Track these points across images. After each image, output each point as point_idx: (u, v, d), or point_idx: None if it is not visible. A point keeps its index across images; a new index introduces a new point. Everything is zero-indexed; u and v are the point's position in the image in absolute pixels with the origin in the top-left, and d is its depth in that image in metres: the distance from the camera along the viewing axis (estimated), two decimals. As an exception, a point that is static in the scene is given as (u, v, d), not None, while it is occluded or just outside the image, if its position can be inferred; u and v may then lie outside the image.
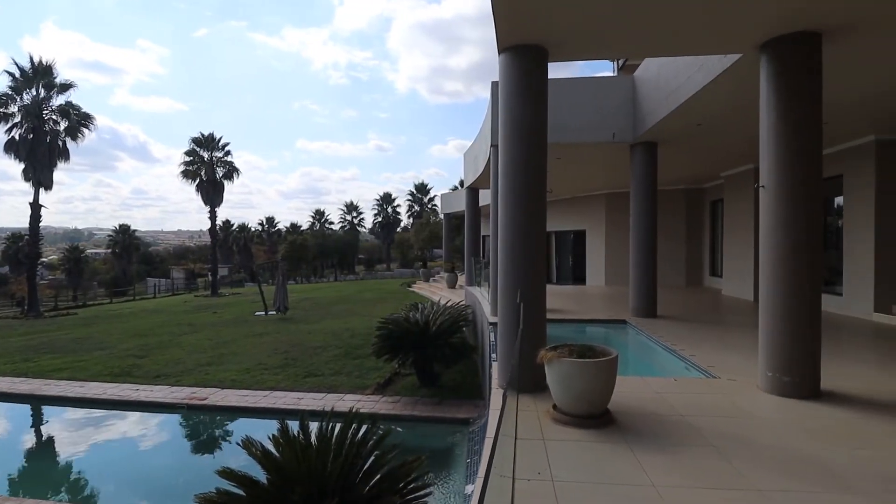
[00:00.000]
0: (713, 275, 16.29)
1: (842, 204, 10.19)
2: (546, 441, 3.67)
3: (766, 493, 2.90)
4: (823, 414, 4.25)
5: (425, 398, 10.03)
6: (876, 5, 4.24)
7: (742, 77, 5.86)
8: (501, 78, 5.28)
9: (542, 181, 5.09)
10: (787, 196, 4.76)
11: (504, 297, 5.11)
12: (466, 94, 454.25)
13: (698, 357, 6.29)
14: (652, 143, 9.79)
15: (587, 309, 11.30)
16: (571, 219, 19.44)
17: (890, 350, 7.07)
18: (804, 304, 4.70)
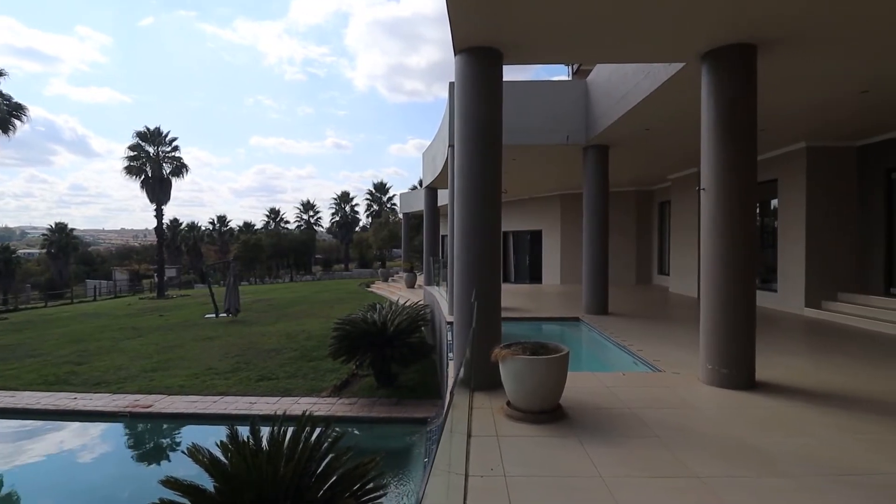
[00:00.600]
0: (661, 273, 17.01)
1: (777, 206, 10.87)
2: (500, 437, 3.73)
3: (706, 480, 3.06)
4: (758, 403, 4.53)
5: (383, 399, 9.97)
6: (801, 22, 4.55)
7: (685, 85, 6.14)
8: (457, 79, 5.31)
9: (497, 182, 5.16)
10: (724, 198, 5.04)
11: (460, 296, 5.15)
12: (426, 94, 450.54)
13: (645, 352, 6.56)
14: (604, 146, 10.11)
15: (543, 307, 11.55)
16: (528, 219, 19.81)
17: (818, 342, 7.61)
18: (740, 300, 4.99)
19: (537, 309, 11.19)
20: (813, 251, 9.88)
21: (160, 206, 34.79)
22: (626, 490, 2.95)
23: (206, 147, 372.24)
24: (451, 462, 3.06)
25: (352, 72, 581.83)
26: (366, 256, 54.90)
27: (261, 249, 51.83)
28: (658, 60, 5.75)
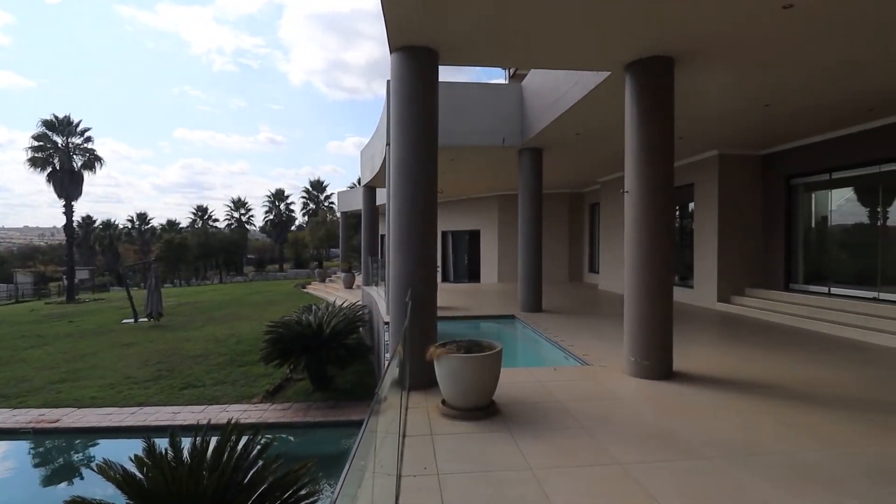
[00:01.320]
0: (592, 271, 17.83)
1: (694, 209, 11.72)
2: (434, 436, 3.74)
3: (626, 466, 3.24)
4: (676, 392, 4.86)
5: (319, 402, 9.73)
6: (710, 40, 4.93)
7: (612, 93, 6.47)
8: (393, 77, 5.27)
9: (433, 181, 5.17)
10: (645, 200, 5.36)
11: (396, 295, 5.12)
12: (366, 91, 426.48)
13: (576, 347, 6.84)
14: (538, 149, 10.44)
15: (480, 305, 11.74)
16: (467, 219, 20.07)
17: (729, 334, 8.28)
18: (659, 296, 5.33)
19: (475, 307, 11.35)
20: (724, 250, 10.75)
21: (70, 202, 31.85)
22: (554, 480, 3.06)
23: (125, 139, 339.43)
24: (383, 463, 3.02)
25: (287, 65, 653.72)
26: (302, 256, 53.14)
27: (186, 249, 48.76)
28: (586, 68, 6.01)
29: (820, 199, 9.94)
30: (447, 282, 21.01)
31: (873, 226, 8.71)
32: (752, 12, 4.40)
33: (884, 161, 8.28)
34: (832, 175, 9.41)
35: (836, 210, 9.60)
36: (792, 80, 6.23)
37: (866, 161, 8.60)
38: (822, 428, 3.90)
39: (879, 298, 8.26)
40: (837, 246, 9.56)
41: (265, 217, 61.69)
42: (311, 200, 62.67)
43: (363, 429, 1.56)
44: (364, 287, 16.26)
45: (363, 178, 18.34)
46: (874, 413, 4.24)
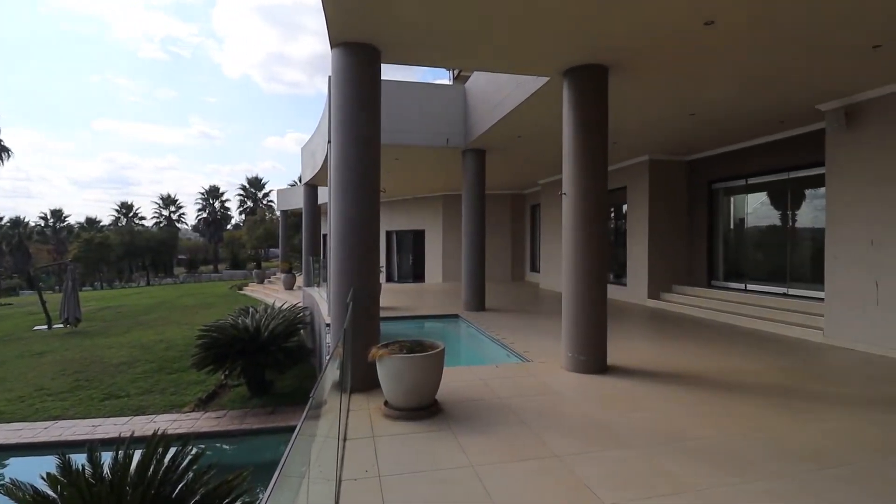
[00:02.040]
0: (533, 270, 18.32)
1: (627, 211, 12.33)
2: (376, 438, 3.70)
3: (563, 457, 3.36)
4: (609, 385, 5.09)
5: (257, 408, 9.34)
6: (640, 50, 5.20)
7: (551, 97, 6.67)
8: (334, 73, 5.16)
9: (374, 180, 5.11)
10: (581, 202, 5.58)
11: (337, 296, 5.02)
12: (307, 86, 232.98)
13: (517, 344, 7.01)
14: (481, 150, 10.59)
15: (424, 305, 11.75)
16: (412, 219, 20.02)
17: (658, 329, 8.78)
18: (594, 294, 5.57)
19: (419, 307, 11.35)
20: (654, 250, 11.40)
21: (-30, 197, 28.65)
22: (494, 475, 3.11)
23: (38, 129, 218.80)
24: (323, 468, 2.95)
25: (224, 56, 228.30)
26: (238, 257, 50.75)
27: (109, 249, 45.24)
28: (526, 73, 6.17)
29: (738, 202, 10.78)
30: (392, 282, 20.86)
31: (784, 227, 9.55)
32: (676, 28, 4.69)
33: (792, 168, 9.10)
34: (748, 181, 10.23)
35: (752, 213, 10.44)
36: (714, 91, 6.70)
37: (777, 168, 9.41)
38: (739, 414, 4.22)
39: (788, 294, 9.07)
40: (753, 246, 10.40)
41: (198, 215, 58.50)
42: (249, 198, 60.14)
43: (295, 434, 1.51)
44: (305, 288, 15.81)
45: (304, 175, 17.83)
46: (784, 398, 4.64)
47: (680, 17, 4.47)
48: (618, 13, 4.40)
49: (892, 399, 4.63)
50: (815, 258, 8.57)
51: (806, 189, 9.02)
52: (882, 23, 4.57)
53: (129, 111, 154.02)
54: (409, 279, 20.71)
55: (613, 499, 2.85)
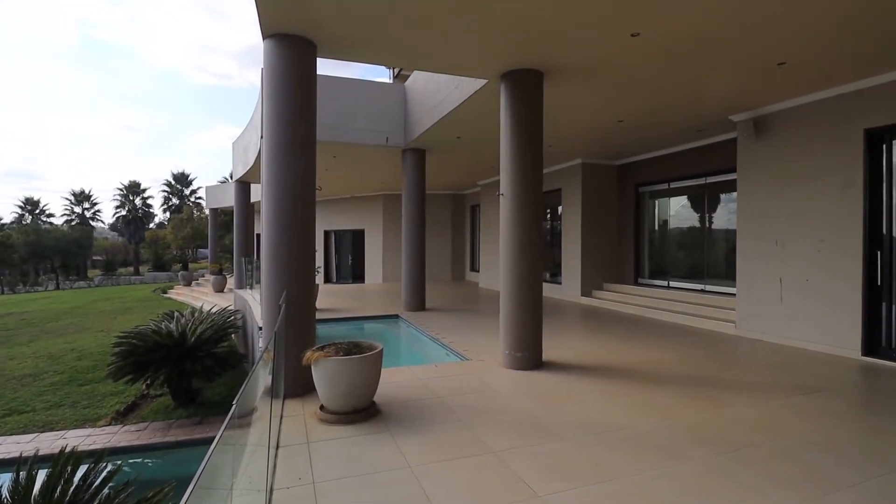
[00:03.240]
0: (473, 270, 18.57)
1: (562, 212, 12.79)
2: (311, 444, 3.58)
3: (499, 453, 3.41)
4: (544, 380, 5.24)
5: (183, 419, 8.79)
6: (571, 58, 5.41)
7: (489, 100, 6.78)
8: (266, 65, 4.95)
9: (309, 177, 4.95)
10: (517, 203, 5.72)
11: (269, 298, 4.81)
12: (240, 78, 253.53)
13: (456, 343, 7.06)
14: (421, 150, 10.58)
15: (364, 306, 11.57)
16: (351, 218, 19.67)
17: (589, 325, 9.16)
18: (530, 291, 5.72)
19: (359, 308, 11.16)
20: (587, 250, 11.91)
21: None
22: (432, 475, 3.11)
23: None
24: (253, 478, 2.81)
25: (147, 42, 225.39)
26: (163, 258, 47.41)
27: (10, 249, 40.81)
28: (464, 75, 6.22)
29: (662, 205, 11.49)
30: (330, 283, 20.38)
31: (701, 229, 10.29)
32: (604, 38, 4.91)
33: (709, 174, 9.82)
34: (671, 185, 10.93)
35: (674, 215, 11.17)
36: (640, 100, 7.09)
37: (696, 174, 10.13)
38: (661, 403, 4.49)
39: (706, 290, 9.79)
40: (675, 246, 11.13)
41: (116, 213, 54.15)
42: (175, 195, 56.53)
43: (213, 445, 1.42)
44: (237, 290, 15.08)
45: (235, 172, 16.99)
46: (701, 387, 4.99)
47: (608, 28, 4.68)
48: (550, 21, 4.54)
49: (793, 384, 5.11)
50: (728, 257, 9.30)
51: (721, 193, 9.77)
52: (786, 43, 5.04)
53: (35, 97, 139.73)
54: (348, 280, 20.32)
55: (547, 490, 2.93)
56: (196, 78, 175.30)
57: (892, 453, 3.45)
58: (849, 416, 4.21)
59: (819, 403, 4.49)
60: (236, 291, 15.10)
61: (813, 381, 5.22)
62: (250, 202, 17.03)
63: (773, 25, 4.63)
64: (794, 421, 4.07)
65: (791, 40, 4.98)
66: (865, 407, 4.58)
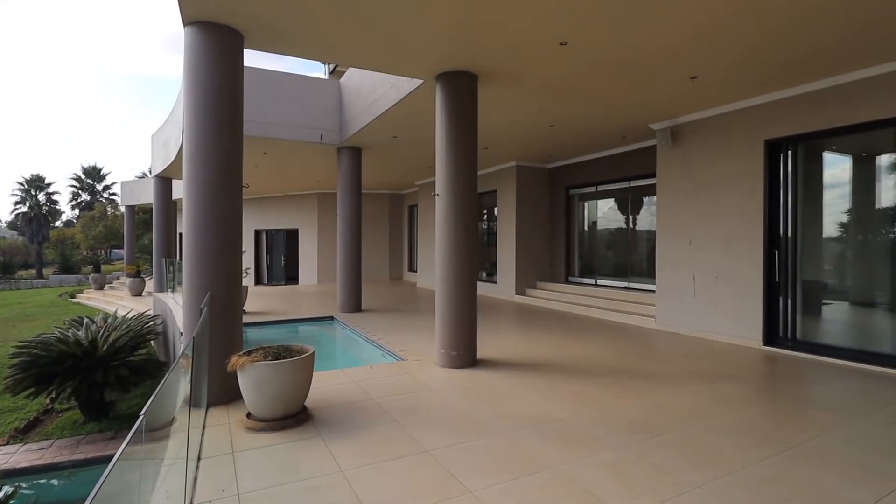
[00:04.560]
0: (411, 270, 18.54)
1: (497, 213, 13.08)
2: (236, 454, 3.41)
3: (432, 452, 3.43)
4: (479, 377, 5.33)
5: (94, 434, 8.07)
6: (503, 62, 5.54)
7: (426, 100, 6.79)
8: (187, 55, 4.65)
9: (235, 174, 4.71)
10: (452, 203, 5.77)
11: (191, 302, 4.53)
12: (160, 67, 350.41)
13: (392, 344, 7.01)
14: (357, 149, 10.41)
15: (298, 308, 11.20)
16: (284, 217, 18.98)
17: (523, 322, 9.43)
18: (465, 290, 5.79)
19: (292, 310, 10.79)
20: (521, 249, 12.25)
21: None
22: (364, 477, 3.06)
23: None
24: (171, 493, 2.63)
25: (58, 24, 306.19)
26: (71, 259, 43.24)
27: None
28: (399, 74, 6.19)
29: (590, 207, 12.06)
30: (262, 284, 19.55)
31: (626, 230, 10.91)
32: (534, 44, 5.07)
33: (633, 178, 10.43)
34: (598, 188, 11.50)
35: (602, 217, 11.76)
36: (569, 105, 7.39)
37: (621, 178, 10.72)
38: (588, 395, 4.71)
39: (629, 287, 10.38)
40: (602, 246, 11.72)
41: (15, 209, 48.68)
42: (85, 190, 51.77)
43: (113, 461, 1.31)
44: (157, 294, 14.08)
45: (155, 167, 15.84)
46: (624, 379, 5.29)
47: (538, 35, 4.84)
48: (481, 26, 4.63)
49: (704, 374, 5.54)
50: (650, 256, 9.93)
51: (644, 196, 10.41)
52: (697, 58, 5.45)
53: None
54: (281, 281, 19.60)
55: (479, 485, 2.97)
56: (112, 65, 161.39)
57: (787, 433, 3.84)
58: (752, 401, 4.63)
59: (726, 390, 4.90)
60: (156, 295, 14.09)
61: (721, 369, 5.69)
62: (172, 199, 15.95)
63: (687, 43, 4.99)
64: (705, 407, 4.41)
65: (702, 57, 5.40)
66: (765, 392, 5.05)
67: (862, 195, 6.21)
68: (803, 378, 5.40)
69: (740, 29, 4.69)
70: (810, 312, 6.62)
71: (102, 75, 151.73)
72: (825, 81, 6.08)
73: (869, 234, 6.15)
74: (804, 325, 6.61)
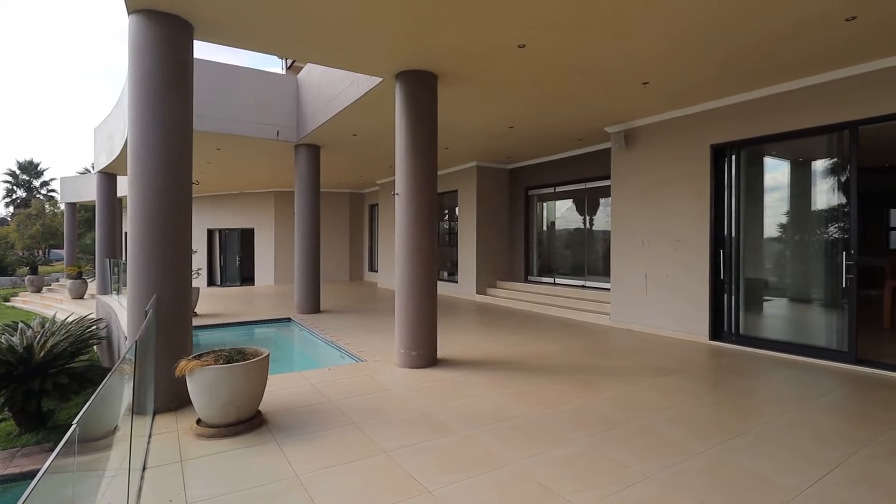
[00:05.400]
0: (371, 270, 18.35)
1: (458, 213, 13.13)
2: (184, 462, 3.27)
3: (391, 452, 3.40)
4: (438, 377, 5.33)
5: (30, 446, 7.55)
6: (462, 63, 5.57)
7: (385, 98, 6.73)
8: (131, 45, 4.42)
9: (184, 170, 4.51)
10: (412, 203, 5.75)
11: (136, 304, 4.31)
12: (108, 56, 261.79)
13: (352, 345, 6.92)
14: (315, 146, 10.20)
15: (253, 310, 10.87)
16: (240, 216, 18.37)
17: (483, 321, 9.51)
18: (425, 290, 5.78)
19: (247, 312, 10.46)
20: (482, 249, 12.36)
21: None
22: (321, 481, 3.00)
23: None
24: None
25: None
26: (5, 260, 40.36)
27: None
28: (357, 71, 6.10)
29: (549, 207, 12.30)
30: (216, 285, 18.87)
31: (583, 230, 11.19)
32: (493, 47, 5.12)
33: (589, 180, 10.71)
34: (556, 189, 11.74)
35: (560, 217, 12.02)
36: (529, 107, 7.51)
37: (578, 179, 10.99)
38: (546, 391, 4.79)
39: (586, 286, 10.66)
40: (561, 245, 11.98)
41: (-60, 206, 45.07)
42: (21, 186, 48.43)
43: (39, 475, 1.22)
44: (100, 296, 13.34)
45: (98, 162, 14.98)
46: (580, 374, 5.42)
47: (497, 37, 4.89)
48: (441, 26, 4.63)
49: (655, 368, 5.75)
50: (605, 256, 10.23)
51: (600, 198, 10.71)
52: (649, 64, 5.65)
53: None
54: (236, 282, 18.97)
55: (437, 484, 2.97)
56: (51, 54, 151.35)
57: (731, 422, 4.04)
58: (699, 393, 4.84)
59: (675, 383, 5.11)
60: (99, 297, 13.34)
61: (671, 364, 5.93)
62: (116, 196, 15.14)
63: (639, 50, 5.16)
64: (656, 400, 4.58)
65: (653, 63, 5.60)
66: (711, 384, 5.29)
67: (799, 198, 6.62)
68: (746, 371, 5.70)
69: (688, 39, 4.90)
70: (752, 308, 7.00)
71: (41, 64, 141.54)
72: (766, 90, 6.44)
73: (805, 234, 6.56)
74: (747, 320, 6.98)
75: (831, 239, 6.13)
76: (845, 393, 4.83)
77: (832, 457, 3.37)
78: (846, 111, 5.73)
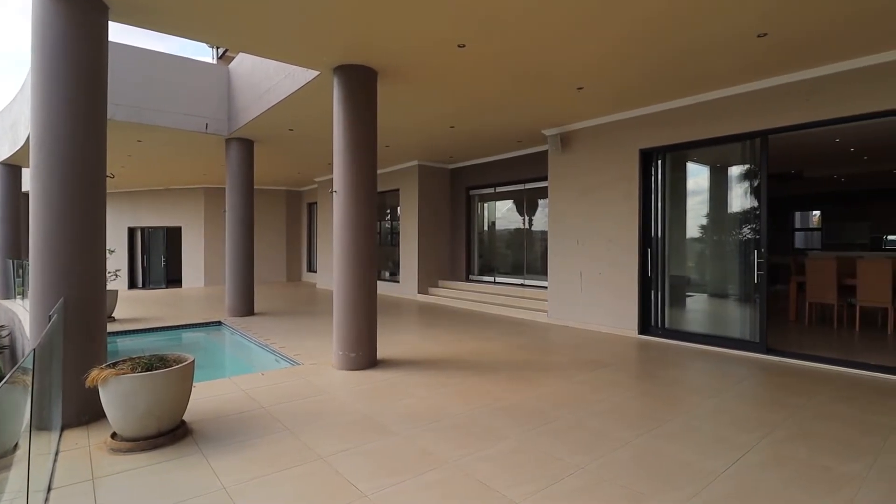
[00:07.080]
0: (310, 270, 17.83)
1: (400, 212, 13.02)
2: (96, 480, 2.99)
3: (326, 458, 3.28)
4: (377, 378, 5.24)
5: None
6: (401, 60, 5.51)
7: (323, 92, 6.54)
8: (36, 25, 3.99)
9: (96, 162, 4.13)
10: (350, 201, 5.62)
11: (39, 309, 3.90)
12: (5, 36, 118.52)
13: (287, 348, 6.66)
14: (248, 141, 9.75)
15: (180, 313, 10.21)
16: (165, 213, 17.22)
17: (424, 321, 9.49)
18: (363, 290, 5.67)
19: (173, 316, 9.81)
20: (423, 248, 12.33)
21: None
22: (250, 493, 2.84)
23: None
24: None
25: None
26: None
27: None
28: (293, 63, 5.87)
29: (490, 207, 12.48)
30: (138, 288, 17.58)
31: (522, 230, 11.44)
32: (432, 46, 5.10)
33: (528, 181, 10.97)
34: (496, 189, 11.94)
35: (501, 217, 12.23)
36: (469, 108, 7.56)
37: (518, 180, 11.23)
38: (485, 389, 4.84)
39: (525, 284, 10.91)
40: (501, 245, 12.19)
41: None
42: None
43: None
44: (2, 301, 12.04)
45: (0, 152, 13.50)
46: (518, 371, 5.52)
47: (436, 36, 4.87)
48: (379, 22, 4.55)
49: (588, 363, 5.97)
50: (543, 255, 10.52)
51: (538, 198, 11.00)
52: (583, 70, 5.85)
53: None
54: (161, 284, 17.77)
55: (374, 487, 2.90)
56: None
57: (657, 412, 4.25)
58: (628, 385, 5.08)
59: (607, 376, 5.33)
60: (1, 302, 12.03)
61: (603, 357, 6.18)
62: (21, 190, 13.71)
63: (574, 56, 5.33)
64: (588, 393, 4.75)
65: (588, 69, 5.81)
66: (639, 376, 5.57)
67: (717, 201, 7.13)
68: (671, 362, 6.05)
69: (619, 50, 5.12)
70: (676, 304, 7.46)
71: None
72: (688, 100, 6.87)
73: (722, 234, 7.07)
74: (671, 315, 7.42)
75: (745, 239, 6.64)
76: (758, 381, 5.25)
77: (747, 440, 3.64)
78: (757, 121, 6.23)
